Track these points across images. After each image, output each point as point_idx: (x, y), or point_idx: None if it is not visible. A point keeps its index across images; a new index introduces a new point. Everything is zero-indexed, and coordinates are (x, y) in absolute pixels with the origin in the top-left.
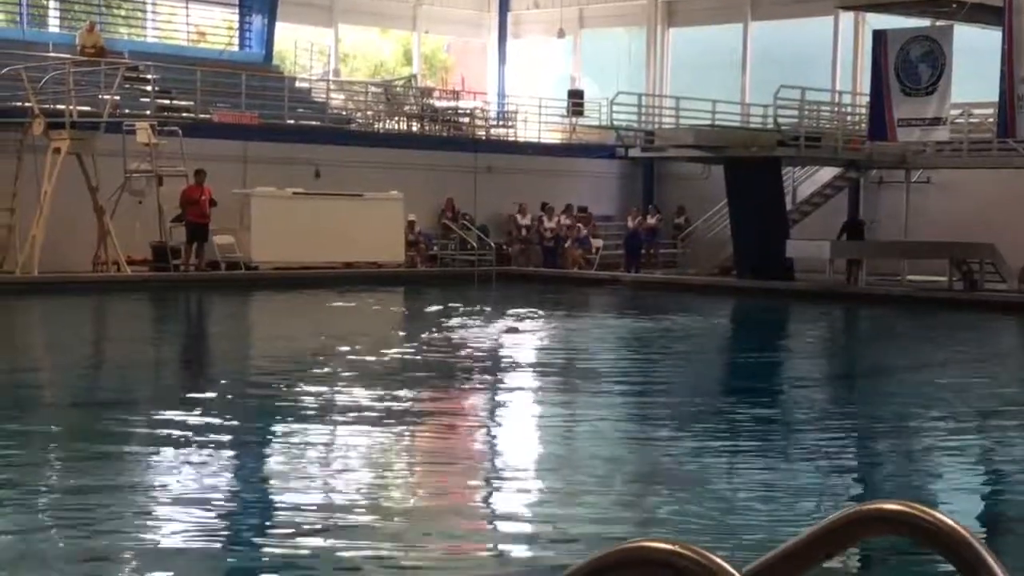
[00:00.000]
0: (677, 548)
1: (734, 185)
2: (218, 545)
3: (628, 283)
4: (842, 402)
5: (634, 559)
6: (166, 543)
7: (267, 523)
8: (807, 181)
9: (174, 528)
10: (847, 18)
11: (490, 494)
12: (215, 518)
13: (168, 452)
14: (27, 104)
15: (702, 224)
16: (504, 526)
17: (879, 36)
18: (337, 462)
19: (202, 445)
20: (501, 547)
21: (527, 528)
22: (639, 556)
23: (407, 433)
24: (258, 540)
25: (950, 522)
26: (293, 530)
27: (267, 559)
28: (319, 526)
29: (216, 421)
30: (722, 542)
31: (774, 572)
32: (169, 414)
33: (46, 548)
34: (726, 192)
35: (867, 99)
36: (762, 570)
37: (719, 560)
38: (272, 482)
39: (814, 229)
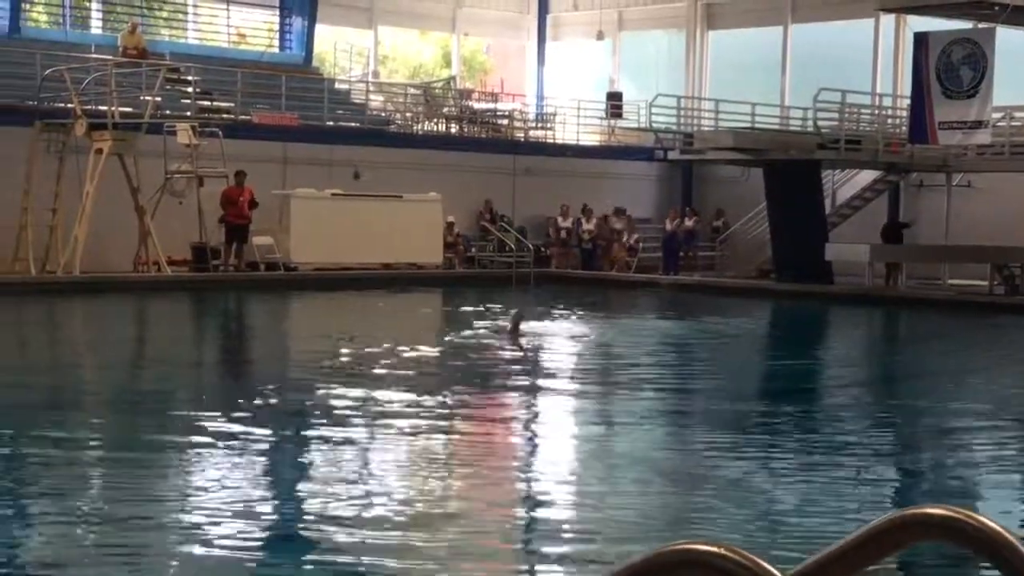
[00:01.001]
0: (722, 550)
1: (773, 188)
2: (250, 550)
3: (666, 286)
4: (883, 406)
5: (679, 561)
6: (200, 547)
7: (299, 532)
8: (847, 184)
9: (206, 533)
10: (888, 20)
11: (528, 496)
12: (247, 522)
13: (204, 453)
14: (70, 105)
15: (740, 227)
16: (543, 528)
17: (920, 39)
18: (374, 467)
19: (236, 447)
20: (541, 549)
21: (567, 531)
22: (684, 558)
23: (444, 437)
24: (289, 549)
25: (996, 527)
26: (326, 541)
27: (297, 569)
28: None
29: (254, 423)
30: (765, 546)
31: None
32: (207, 415)
33: (83, 548)
34: (765, 195)
35: (908, 102)
36: (806, 574)
37: (764, 563)
38: (305, 488)
39: (853, 232)
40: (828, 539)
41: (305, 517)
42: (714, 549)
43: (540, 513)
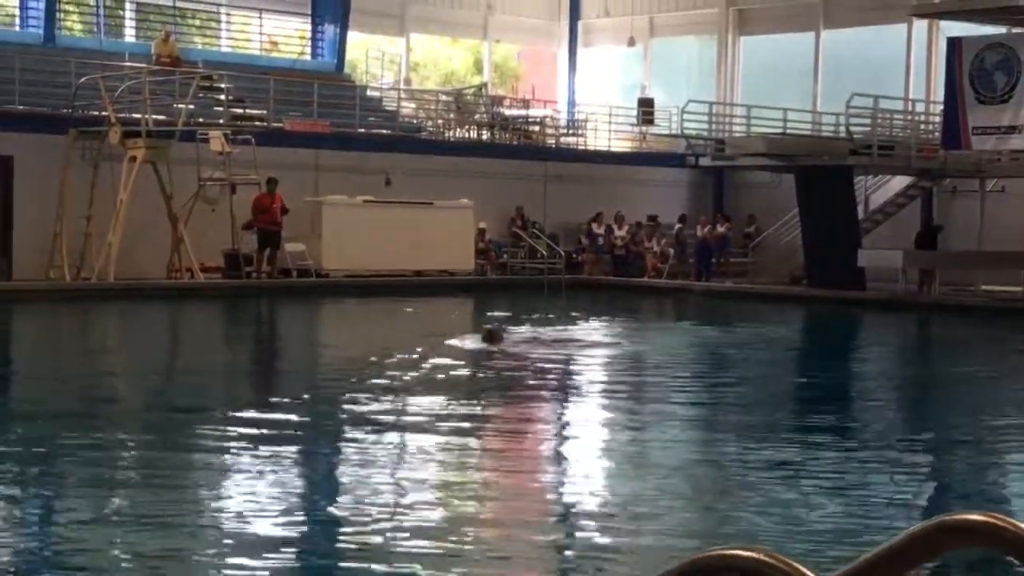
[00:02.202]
0: (764, 556)
1: (805, 194)
2: (284, 554)
3: (698, 292)
4: (918, 412)
5: (722, 566)
6: (234, 553)
7: (336, 538)
8: (879, 190)
9: (241, 538)
10: (921, 26)
11: (564, 504)
12: (278, 528)
13: (236, 459)
14: (104, 113)
15: (773, 233)
16: (581, 536)
17: (953, 44)
18: (408, 474)
19: (269, 453)
20: (579, 557)
21: (604, 537)
22: (727, 563)
23: (474, 444)
24: (325, 554)
25: None
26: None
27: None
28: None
29: (286, 428)
30: (804, 552)
31: None
32: (240, 420)
33: (121, 548)
34: (797, 201)
35: (941, 107)
36: None
37: (804, 569)
38: (340, 493)
39: (886, 238)
40: (869, 546)
41: (340, 523)
42: (754, 554)
43: (575, 522)
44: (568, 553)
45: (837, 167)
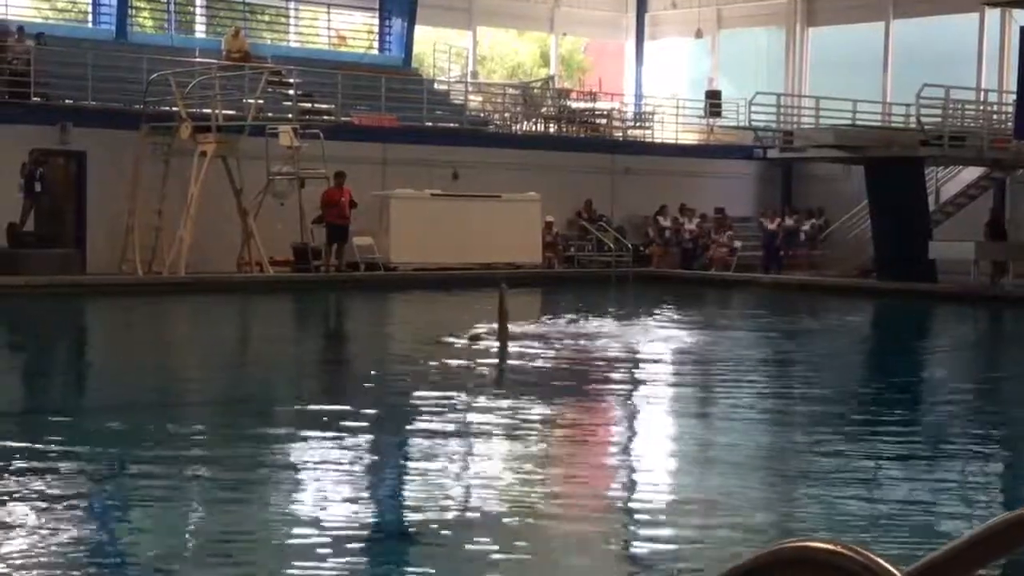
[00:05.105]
0: (838, 548)
1: (875, 186)
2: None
3: (766, 285)
4: (990, 406)
5: (795, 558)
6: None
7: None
8: (951, 181)
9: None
10: (993, 14)
11: (633, 497)
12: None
13: (302, 452)
14: (175, 109)
15: (841, 225)
16: (649, 529)
17: None
18: (472, 473)
19: (336, 445)
20: (648, 549)
21: (673, 530)
22: (800, 556)
23: (540, 440)
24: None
25: None
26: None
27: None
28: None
29: (353, 421)
30: (877, 544)
31: (935, 574)
32: (308, 413)
33: (184, 545)
34: (867, 193)
35: (1013, 97)
36: (924, 571)
37: (881, 561)
38: (407, 488)
39: (957, 230)
40: (944, 539)
41: (406, 517)
42: (831, 547)
43: (643, 516)
44: (640, 546)
45: (907, 159)
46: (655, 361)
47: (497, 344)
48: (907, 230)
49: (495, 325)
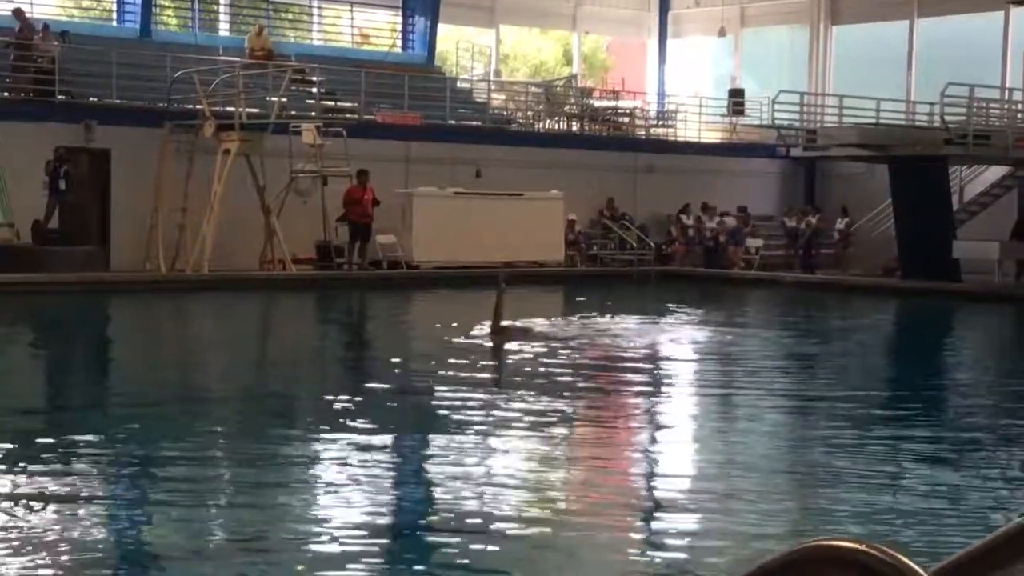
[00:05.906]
0: (865, 547)
1: (899, 185)
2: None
3: (789, 284)
4: (1016, 404)
5: (821, 557)
6: (334, 535)
7: (427, 531)
8: (975, 180)
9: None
10: (1018, 13)
11: (657, 496)
12: (372, 516)
13: (326, 451)
14: (198, 107)
15: (865, 224)
16: (673, 527)
17: None
18: (492, 471)
19: (359, 444)
20: (673, 548)
21: (698, 528)
22: (826, 554)
23: (561, 439)
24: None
25: None
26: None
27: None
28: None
29: (376, 419)
30: (902, 544)
31: (961, 574)
32: (331, 412)
33: (208, 544)
34: (891, 192)
35: None
36: (949, 571)
37: (907, 560)
38: (433, 487)
39: (982, 230)
40: (968, 538)
41: (431, 516)
42: (856, 546)
43: (667, 514)
44: (666, 542)
45: (931, 157)
46: (677, 360)
47: (515, 342)
48: (931, 229)
49: (517, 323)
